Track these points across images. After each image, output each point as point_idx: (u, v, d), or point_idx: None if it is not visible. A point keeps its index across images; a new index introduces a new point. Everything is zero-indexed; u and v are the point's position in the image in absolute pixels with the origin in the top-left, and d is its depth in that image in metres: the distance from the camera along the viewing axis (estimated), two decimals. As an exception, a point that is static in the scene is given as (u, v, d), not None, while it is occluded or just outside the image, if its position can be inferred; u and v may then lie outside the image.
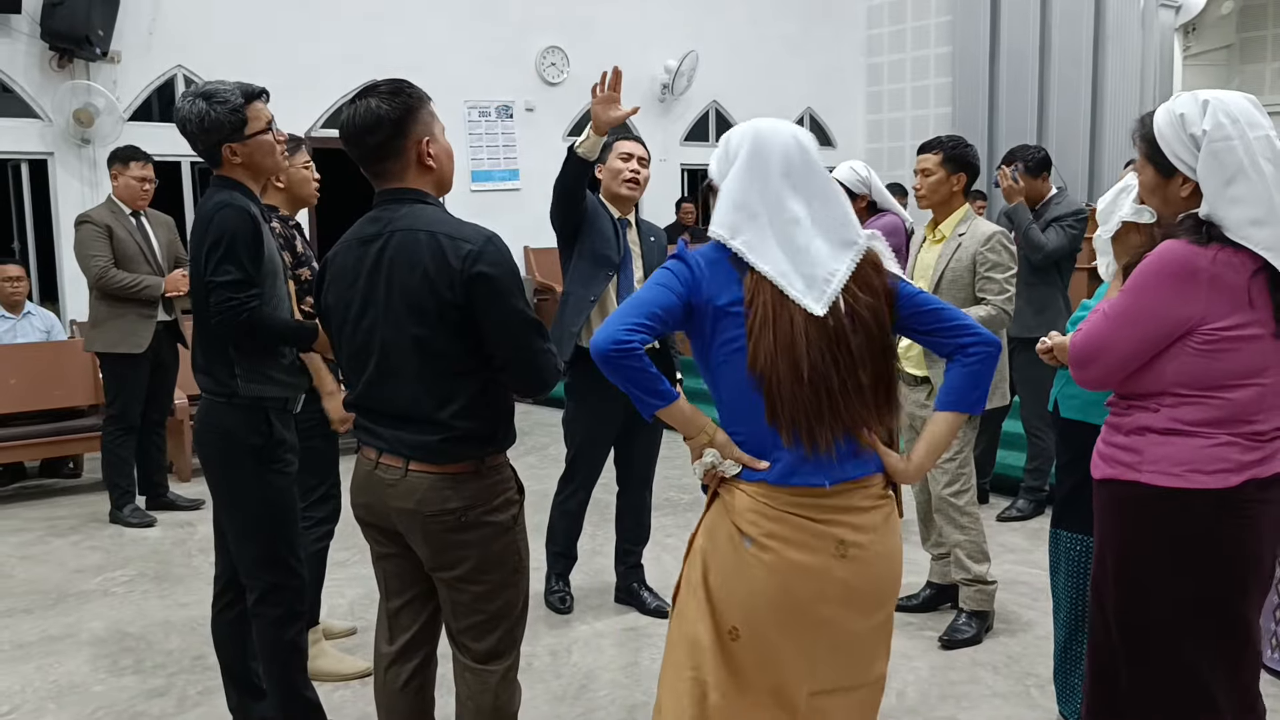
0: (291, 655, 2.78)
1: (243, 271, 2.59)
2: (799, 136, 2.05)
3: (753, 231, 1.97)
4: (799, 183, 2.00)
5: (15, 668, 3.68)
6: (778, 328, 1.92)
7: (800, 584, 1.96)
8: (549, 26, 9.80)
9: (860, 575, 1.99)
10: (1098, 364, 2.10)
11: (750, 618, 1.98)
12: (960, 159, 3.69)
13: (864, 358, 1.96)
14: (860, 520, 2.00)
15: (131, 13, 7.70)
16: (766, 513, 1.97)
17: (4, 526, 5.49)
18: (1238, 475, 2.00)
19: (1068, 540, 2.88)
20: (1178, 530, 2.04)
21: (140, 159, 5.46)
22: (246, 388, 2.68)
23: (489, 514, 2.26)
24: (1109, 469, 2.14)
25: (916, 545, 4.11)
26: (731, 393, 2.00)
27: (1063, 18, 10.48)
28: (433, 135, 2.26)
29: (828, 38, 11.68)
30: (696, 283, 1.98)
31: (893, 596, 2.09)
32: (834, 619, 2.00)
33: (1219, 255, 1.95)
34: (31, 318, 6.54)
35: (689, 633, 2.04)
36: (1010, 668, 3.52)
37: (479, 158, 9.52)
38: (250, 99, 2.68)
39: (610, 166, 3.89)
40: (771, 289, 1.94)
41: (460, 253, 2.15)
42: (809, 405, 1.92)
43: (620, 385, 1.96)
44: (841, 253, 1.98)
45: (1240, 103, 1.99)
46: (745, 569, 1.98)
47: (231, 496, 2.75)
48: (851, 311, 1.95)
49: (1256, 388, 2.00)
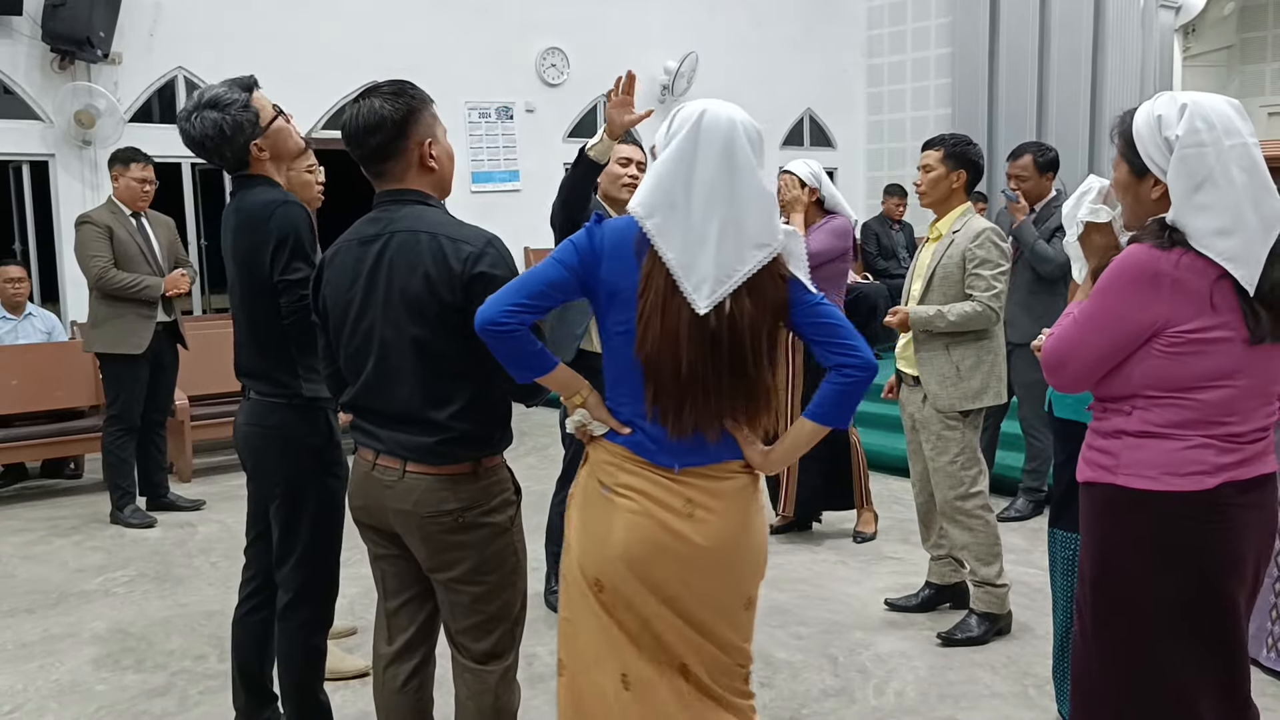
0: (314, 660, 2.77)
1: (311, 267, 2.54)
2: (743, 128, 2.04)
3: (666, 216, 2.01)
4: (727, 176, 2.01)
5: (17, 667, 3.69)
6: (665, 318, 1.99)
7: (654, 532, 2.06)
8: (549, 27, 9.80)
9: (707, 535, 2.06)
10: (1067, 368, 2.11)
11: (606, 568, 2.09)
12: (961, 156, 3.68)
13: (734, 364, 2.02)
14: (711, 486, 2.09)
15: (132, 14, 7.71)
16: (624, 466, 2.10)
17: (6, 527, 5.50)
18: (1213, 478, 1.99)
19: (1063, 539, 2.90)
20: (1153, 533, 2.03)
21: (141, 160, 5.47)
22: (309, 388, 2.64)
23: (486, 515, 2.26)
24: (1090, 472, 2.14)
25: (916, 545, 4.12)
26: (616, 366, 2.10)
27: (1062, 19, 10.48)
28: (435, 137, 2.27)
29: (828, 39, 11.69)
30: (596, 259, 2.05)
31: (746, 570, 2.15)
32: (685, 579, 2.08)
33: (1182, 259, 1.94)
34: (33, 319, 6.56)
35: (571, 585, 2.18)
36: (1009, 668, 3.52)
37: (479, 159, 9.53)
38: (249, 91, 2.64)
39: (609, 170, 3.90)
40: (667, 277, 1.99)
41: (461, 254, 2.16)
42: (679, 397, 2.01)
43: (497, 358, 2.05)
44: (749, 253, 2.00)
45: (1221, 108, 1.97)
46: (603, 515, 2.11)
47: (287, 496, 2.69)
48: (732, 317, 2.00)
49: (1228, 389, 1.99)
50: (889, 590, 4.18)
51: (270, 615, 2.80)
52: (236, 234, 2.65)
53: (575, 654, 2.17)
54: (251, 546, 2.89)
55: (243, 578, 2.93)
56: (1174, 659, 2.06)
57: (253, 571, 2.89)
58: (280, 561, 2.73)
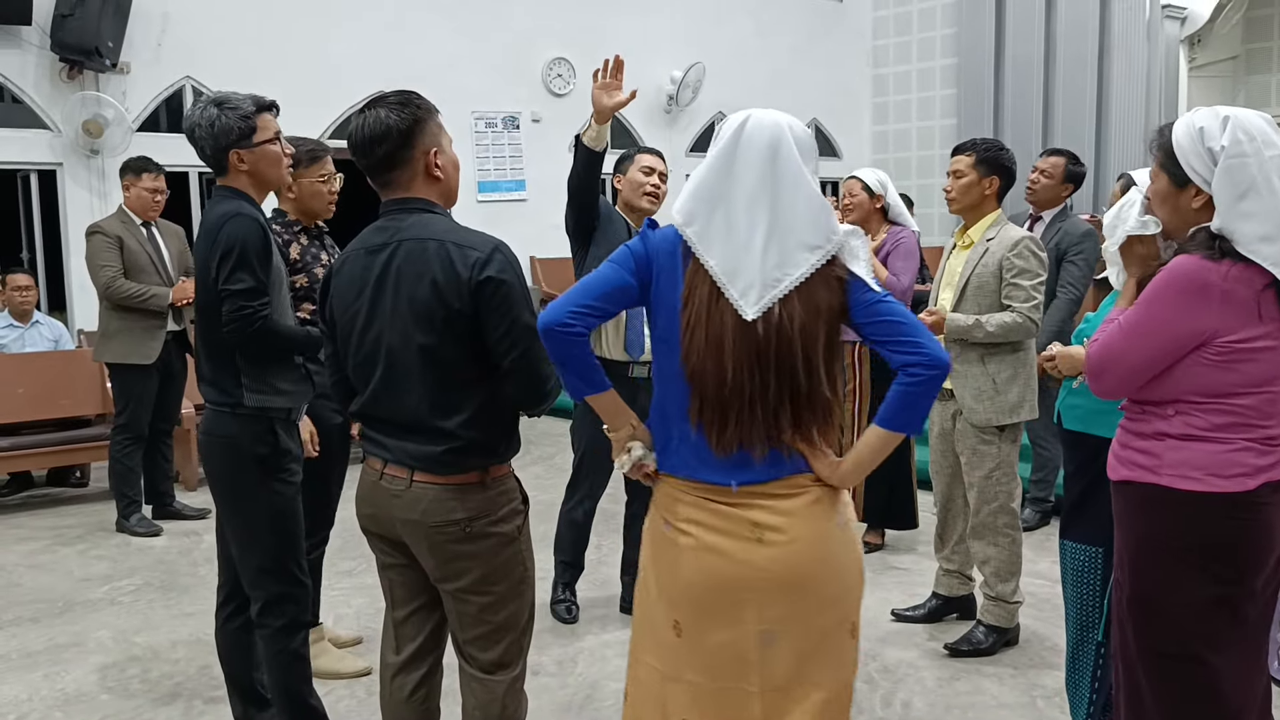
0: (296, 664, 2.79)
1: (255, 279, 2.62)
2: (790, 131, 1.97)
3: (706, 222, 1.94)
4: (770, 179, 1.92)
5: (22, 676, 3.68)
6: (709, 327, 1.90)
7: (719, 567, 1.95)
8: (556, 38, 9.84)
9: (781, 562, 1.93)
10: (1111, 374, 2.15)
11: (683, 609, 1.99)
12: (994, 161, 3.59)
13: (782, 373, 1.90)
14: (777, 505, 1.95)
15: (141, 24, 7.74)
16: (682, 499, 2.01)
17: (11, 535, 5.50)
18: (1254, 479, 2.05)
19: (1074, 550, 2.89)
20: (1198, 530, 2.08)
21: (153, 170, 5.49)
22: (252, 397, 2.69)
23: (494, 525, 2.26)
24: (1127, 471, 2.18)
25: (922, 556, 4.11)
26: (660, 383, 2.03)
27: (1067, 29, 10.49)
28: (440, 146, 2.27)
29: (834, 49, 11.71)
30: (649, 266, 1.99)
31: (836, 586, 1.99)
32: (762, 609, 1.94)
33: (1230, 271, 2.00)
34: (40, 327, 6.57)
35: (643, 618, 2.09)
36: (1016, 679, 3.51)
37: (485, 168, 9.55)
38: (261, 109, 2.71)
39: (631, 178, 3.92)
40: (710, 285, 1.91)
41: (468, 260, 2.16)
42: (724, 410, 1.91)
43: (556, 364, 2.00)
44: (799, 256, 1.90)
45: (1258, 122, 2.06)
46: (671, 555, 2.01)
47: (236, 506, 2.75)
48: (780, 323, 1.89)
49: (1268, 395, 2.05)
50: (895, 601, 4.17)
51: (248, 621, 2.84)
52: (196, 243, 2.75)
53: (639, 699, 2.08)
54: (222, 554, 2.93)
55: (217, 584, 2.98)
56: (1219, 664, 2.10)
57: (224, 579, 2.94)
58: (243, 571, 2.78)
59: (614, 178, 4.01)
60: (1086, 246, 4.89)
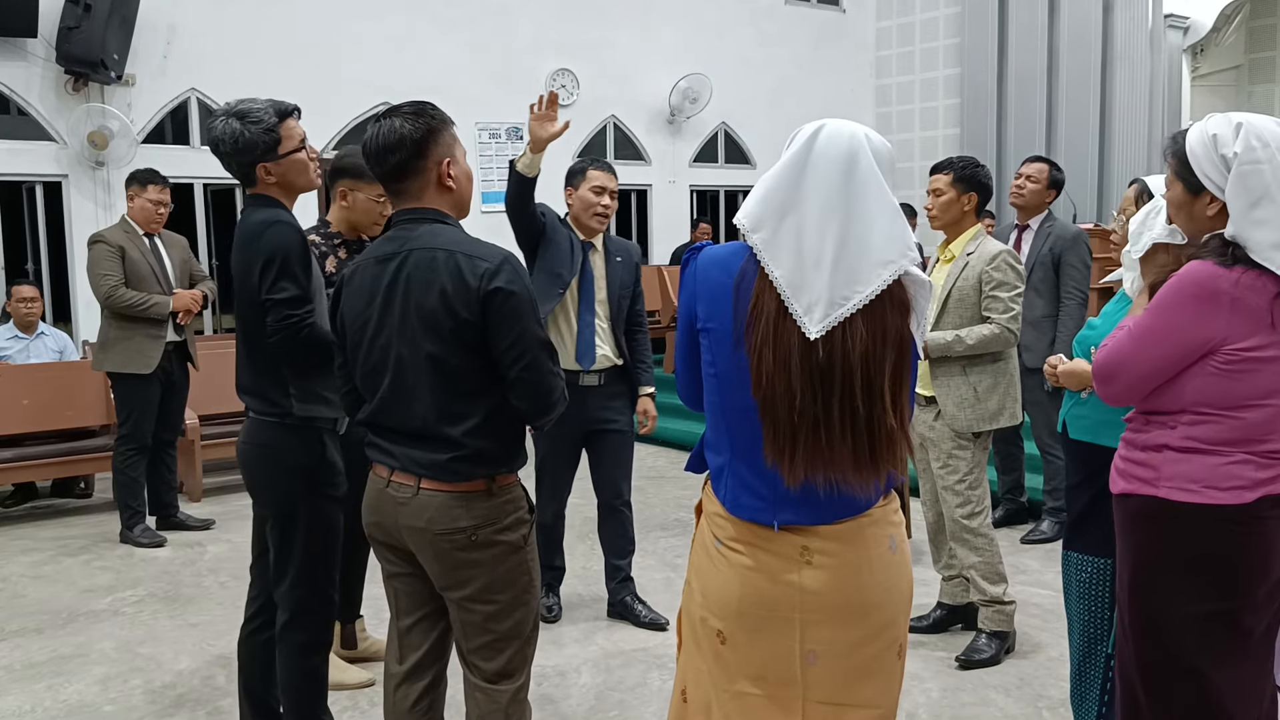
0: (313, 682, 2.77)
1: (299, 287, 2.58)
2: (868, 141, 1.84)
3: (775, 229, 1.79)
4: (843, 187, 1.78)
5: (26, 687, 3.68)
6: (777, 349, 1.77)
7: (767, 589, 1.89)
8: (559, 49, 9.87)
9: (830, 585, 1.86)
10: (1120, 380, 2.14)
11: (728, 623, 1.93)
12: (971, 179, 3.71)
13: (844, 399, 1.76)
14: (828, 530, 1.86)
15: (146, 36, 7.78)
16: (729, 526, 1.93)
17: (15, 546, 5.50)
18: (1252, 492, 2.03)
19: (1078, 562, 2.87)
20: (1194, 543, 2.07)
21: (158, 183, 5.50)
22: (301, 408, 2.66)
23: (499, 533, 2.26)
24: (1126, 484, 2.17)
25: (928, 565, 4.10)
26: (710, 415, 1.93)
27: (1070, 39, 10.51)
28: (453, 157, 2.28)
29: (837, 60, 11.74)
30: (693, 295, 1.92)
31: (885, 611, 1.91)
32: (806, 630, 1.88)
33: (1242, 278, 1.99)
34: (45, 338, 6.59)
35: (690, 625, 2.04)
36: (1022, 690, 3.49)
37: (489, 179, 9.57)
38: (283, 117, 2.67)
39: (582, 196, 3.96)
40: (778, 301, 1.77)
41: (477, 270, 2.17)
42: (794, 437, 1.77)
43: None
44: (871, 273, 1.76)
45: (1272, 128, 2.05)
46: (718, 571, 1.94)
47: (278, 516, 2.71)
48: (844, 346, 1.76)
49: (1272, 408, 2.03)
50: (901, 611, 4.15)
51: (274, 635, 2.80)
52: (235, 252, 2.71)
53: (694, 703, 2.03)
54: (256, 564, 2.90)
55: (248, 596, 2.94)
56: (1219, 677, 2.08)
57: (257, 590, 2.90)
58: (277, 581, 2.75)
59: (565, 190, 4.04)
60: (1081, 249, 5.07)
